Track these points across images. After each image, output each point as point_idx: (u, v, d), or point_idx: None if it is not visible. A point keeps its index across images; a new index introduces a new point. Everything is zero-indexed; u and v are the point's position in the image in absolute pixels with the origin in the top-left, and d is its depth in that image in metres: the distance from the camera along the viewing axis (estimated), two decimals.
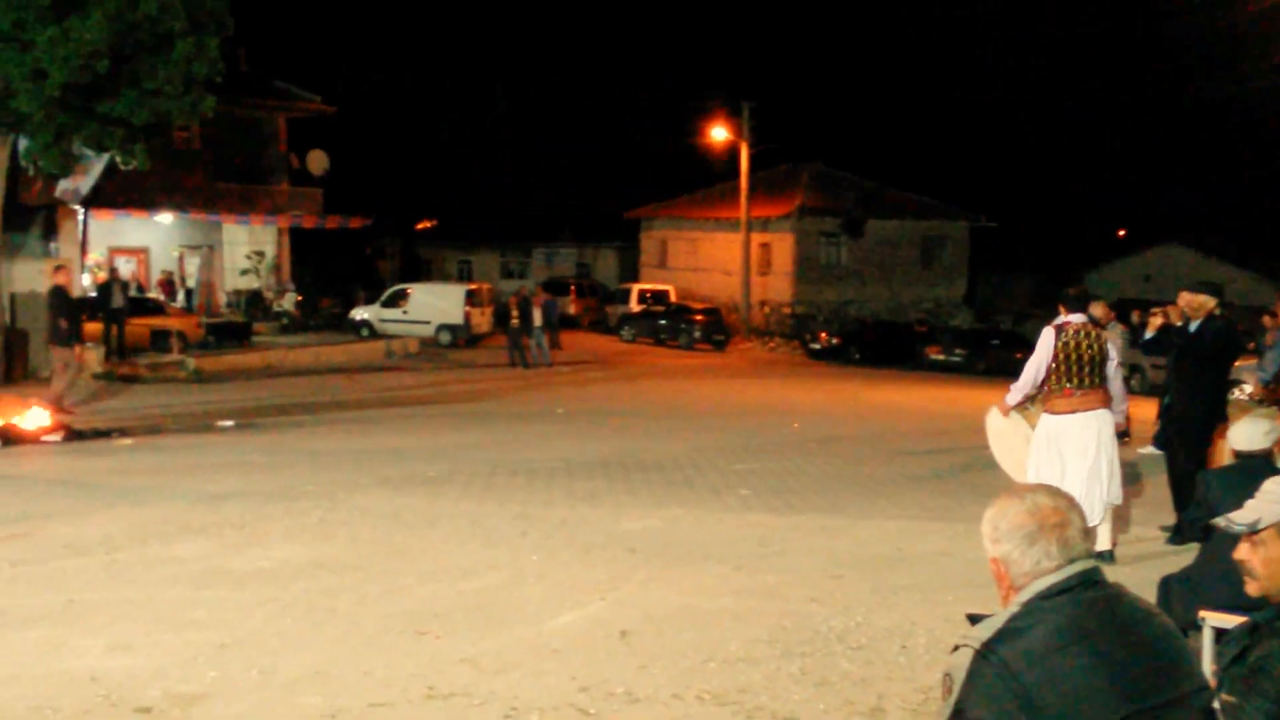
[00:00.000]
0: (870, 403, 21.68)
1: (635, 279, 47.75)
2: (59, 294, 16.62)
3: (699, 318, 37.72)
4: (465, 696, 5.44)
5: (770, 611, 6.85)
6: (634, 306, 41.81)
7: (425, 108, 60.33)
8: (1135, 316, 14.14)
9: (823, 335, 36.99)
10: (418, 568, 7.86)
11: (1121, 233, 62.51)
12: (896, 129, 62.75)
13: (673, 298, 41.95)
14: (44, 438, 13.82)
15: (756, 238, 41.86)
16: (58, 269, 17.47)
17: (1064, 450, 8.07)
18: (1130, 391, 11.13)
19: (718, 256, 44.75)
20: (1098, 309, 12.02)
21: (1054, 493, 2.62)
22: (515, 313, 28.00)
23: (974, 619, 2.53)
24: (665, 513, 9.90)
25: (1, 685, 5.51)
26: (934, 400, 22.39)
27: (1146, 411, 14.56)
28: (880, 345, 35.04)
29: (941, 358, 33.32)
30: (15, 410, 14.22)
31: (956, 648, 2.47)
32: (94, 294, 25.63)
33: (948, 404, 21.41)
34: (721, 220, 44.26)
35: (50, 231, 26.42)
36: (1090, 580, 2.50)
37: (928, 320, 39.81)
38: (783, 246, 43.13)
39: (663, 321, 38.33)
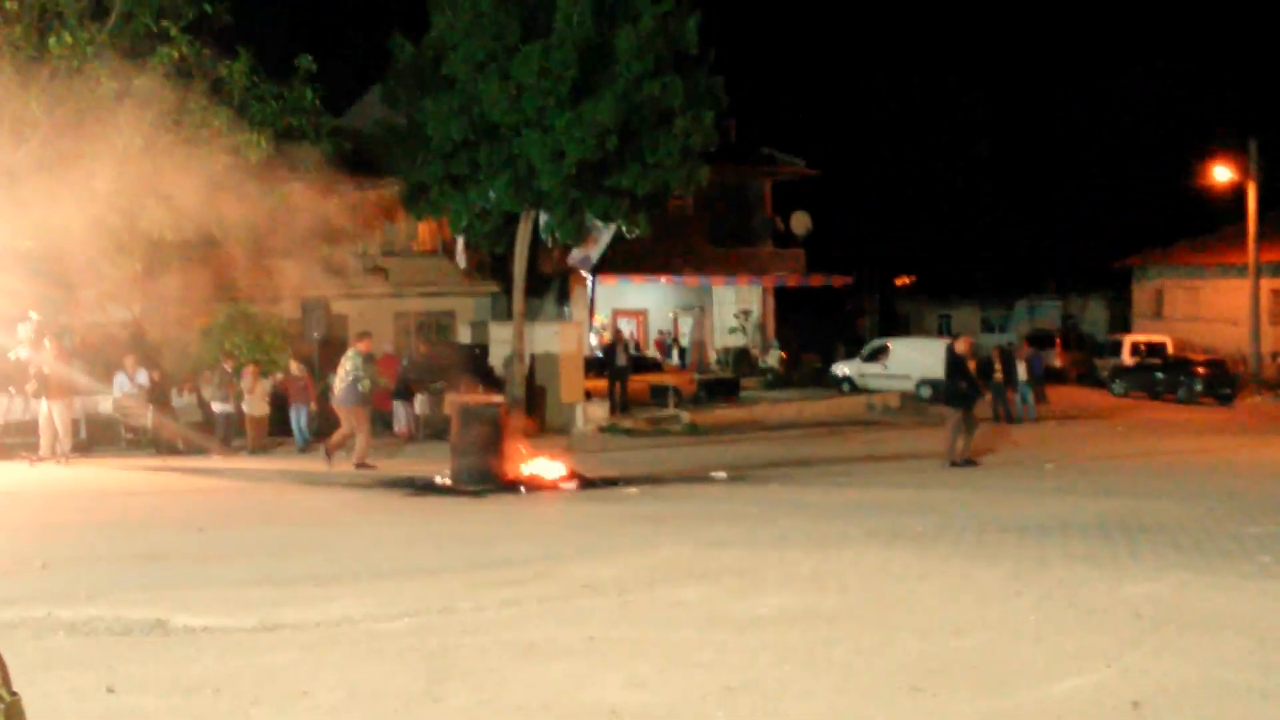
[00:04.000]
0: None
1: (1126, 330, 45.26)
2: (957, 359, 18.10)
3: (1201, 370, 35.00)
4: None
5: None
6: (1126, 359, 39.63)
7: (905, 162, 60.52)
8: None
9: None
10: (909, 622, 7.87)
11: None
12: None
13: (1170, 349, 39.33)
14: (561, 485, 15.17)
15: (1267, 283, 38.37)
16: (957, 337, 18.83)
17: None
18: None
19: (1221, 305, 41.43)
20: None
21: None
22: (999, 366, 27.37)
23: None
24: (1173, 577, 9.28)
25: (536, 712, 6.08)
26: None
27: None
28: None
29: None
30: (537, 461, 15.74)
31: None
32: (600, 354, 27.81)
33: None
34: (1226, 266, 40.94)
35: (564, 297, 29.05)
36: None
37: None
38: None
39: (1159, 374, 35.92)
